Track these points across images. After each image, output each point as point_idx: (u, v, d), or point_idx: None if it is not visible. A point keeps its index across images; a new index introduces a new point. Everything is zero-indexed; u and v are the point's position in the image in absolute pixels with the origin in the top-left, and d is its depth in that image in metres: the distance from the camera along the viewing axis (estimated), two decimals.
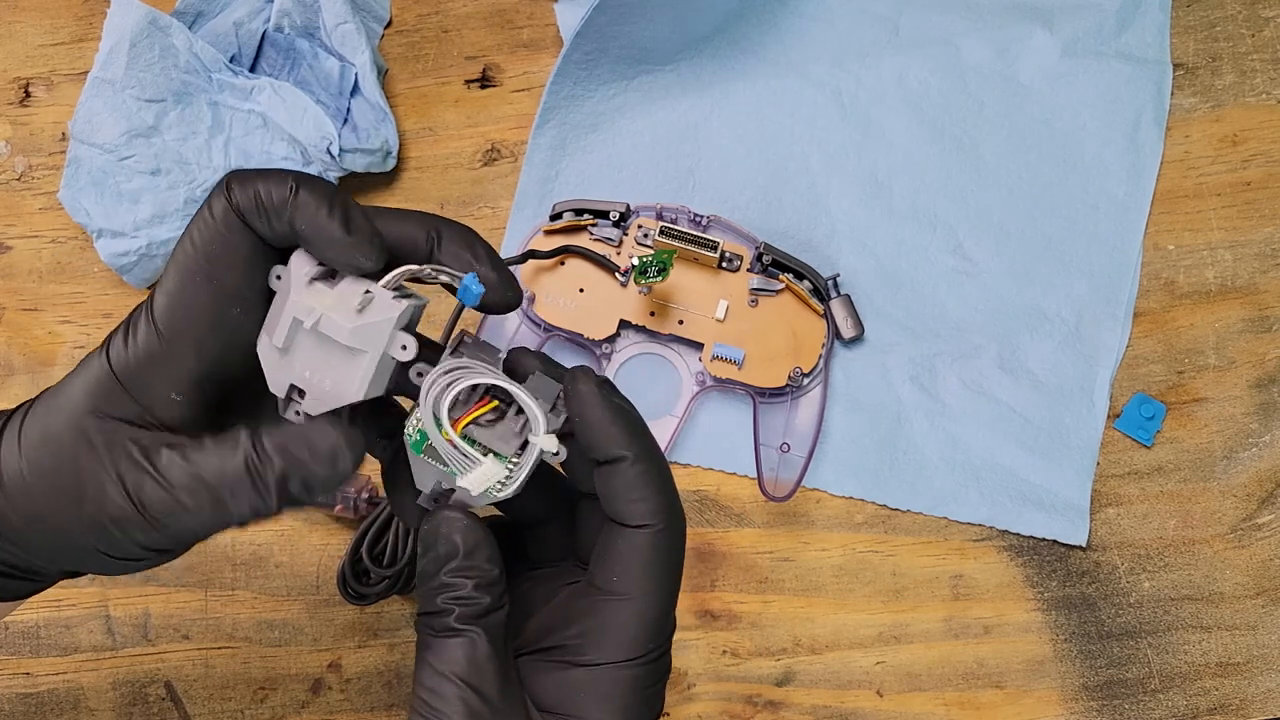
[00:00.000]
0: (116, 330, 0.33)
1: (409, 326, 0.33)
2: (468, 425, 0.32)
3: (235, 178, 0.32)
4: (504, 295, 0.34)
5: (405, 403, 0.36)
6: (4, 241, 0.59)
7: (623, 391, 0.34)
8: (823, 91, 0.59)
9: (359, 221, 0.32)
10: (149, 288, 0.58)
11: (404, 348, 0.32)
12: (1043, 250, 0.58)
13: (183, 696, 0.55)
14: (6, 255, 0.59)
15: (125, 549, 0.33)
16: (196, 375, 0.33)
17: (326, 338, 0.32)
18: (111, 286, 0.59)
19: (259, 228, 0.32)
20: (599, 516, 0.34)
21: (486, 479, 0.33)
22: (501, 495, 0.33)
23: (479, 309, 0.34)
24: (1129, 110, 0.59)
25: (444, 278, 0.33)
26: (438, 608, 0.33)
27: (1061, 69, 0.59)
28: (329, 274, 0.33)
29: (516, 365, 0.35)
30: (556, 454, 0.33)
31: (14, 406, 0.35)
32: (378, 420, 0.36)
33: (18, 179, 0.60)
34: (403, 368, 0.33)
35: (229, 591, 0.56)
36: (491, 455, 0.33)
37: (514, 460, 0.33)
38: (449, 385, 0.32)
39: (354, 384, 0.32)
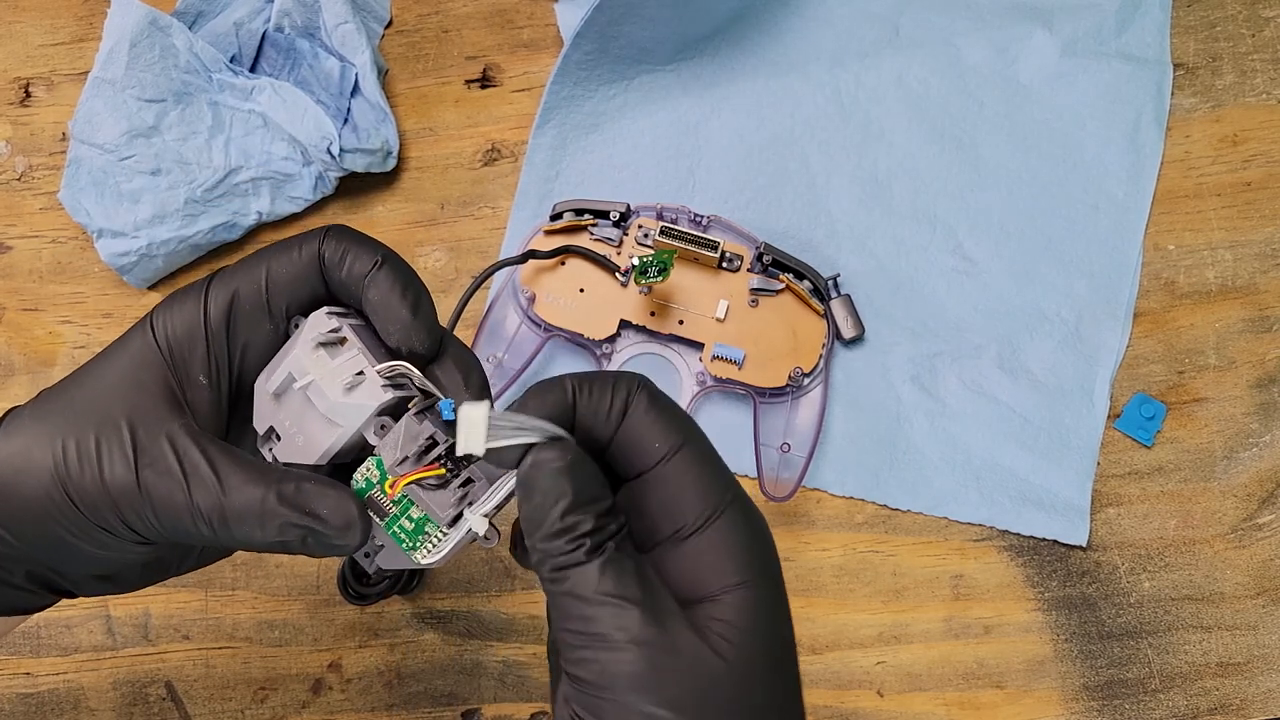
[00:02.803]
0: (158, 307, 0.35)
1: (392, 412, 0.34)
2: (409, 485, 0.33)
3: (335, 231, 0.35)
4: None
5: None
6: (4, 241, 0.59)
7: None
8: (823, 91, 0.59)
9: (425, 309, 0.34)
10: (150, 287, 0.58)
11: (381, 429, 0.33)
12: (1043, 250, 0.58)
13: (183, 696, 0.55)
14: (7, 255, 0.59)
15: (109, 523, 0.33)
16: (222, 362, 0.35)
17: (311, 402, 0.34)
18: (112, 286, 0.59)
19: (332, 279, 0.35)
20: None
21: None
22: (425, 562, 0.34)
23: None
24: (1129, 110, 0.59)
25: (428, 390, 0.34)
26: (563, 549, 0.31)
27: (1061, 69, 0.59)
28: (336, 342, 0.34)
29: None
30: (486, 539, 0.33)
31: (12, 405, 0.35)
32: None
33: (18, 179, 0.60)
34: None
35: (229, 591, 0.56)
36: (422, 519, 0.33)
37: (444, 531, 0.33)
38: (401, 444, 0.33)
39: (318, 451, 0.34)
